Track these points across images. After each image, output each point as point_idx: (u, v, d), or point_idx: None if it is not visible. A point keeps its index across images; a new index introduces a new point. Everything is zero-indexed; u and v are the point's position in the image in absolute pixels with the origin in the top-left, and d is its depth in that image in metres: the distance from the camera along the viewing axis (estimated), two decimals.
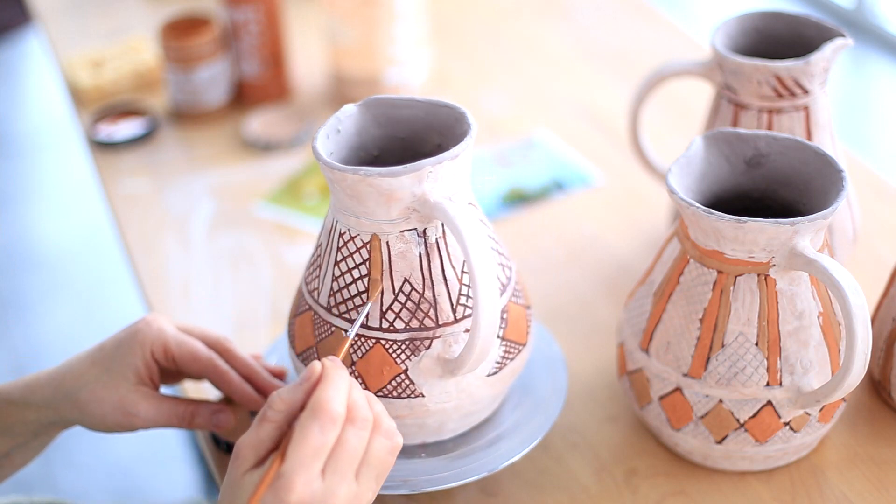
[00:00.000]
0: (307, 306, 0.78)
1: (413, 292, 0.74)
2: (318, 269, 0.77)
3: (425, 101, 0.78)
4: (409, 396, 0.75)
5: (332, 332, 0.76)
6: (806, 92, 0.89)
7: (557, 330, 0.96)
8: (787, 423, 0.78)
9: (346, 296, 0.75)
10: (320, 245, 0.77)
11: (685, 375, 0.78)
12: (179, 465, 1.87)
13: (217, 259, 1.11)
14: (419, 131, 0.79)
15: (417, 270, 0.74)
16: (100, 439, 1.88)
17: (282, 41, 1.32)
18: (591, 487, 0.83)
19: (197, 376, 0.80)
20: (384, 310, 0.74)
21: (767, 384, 0.76)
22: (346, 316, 0.75)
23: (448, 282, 0.74)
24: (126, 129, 1.31)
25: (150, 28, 1.51)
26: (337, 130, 0.77)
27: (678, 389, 0.79)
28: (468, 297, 0.75)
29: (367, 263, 0.74)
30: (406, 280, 0.74)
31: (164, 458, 1.88)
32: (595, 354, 0.95)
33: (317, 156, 0.72)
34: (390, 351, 0.74)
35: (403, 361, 0.75)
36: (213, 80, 1.30)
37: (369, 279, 0.74)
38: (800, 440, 0.80)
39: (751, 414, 0.77)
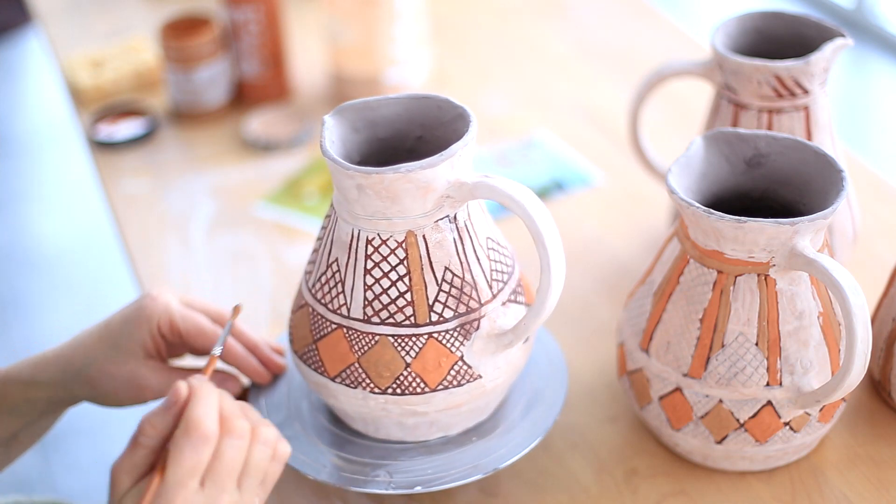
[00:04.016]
0: (334, 325, 0.76)
1: (455, 278, 0.74)
2: (339, 285, 0.75)
3: (402, 96, 0.78)
4: (468, 381, 0.76)
5: (377, 341, 0.75)
6: (806, 92, 0.89)
7: (557, 330, 0.96)
8: (787, 423, 0.78)
9: (387, 300, 0.74)
10: (336, 261, 0.76)
11: (685, 375, 0.78)
12: None
13: (217, 259, 1.12)
14: (399, 128, 0.79)
15: (454, 256, 0.74)
16: (99, 439, 1.88)
17: (282, 41, 1.32)
18: (591, 487, 0.83)
19: (202, 351, 0.81)
20: (431, 303, 0.74)
21: (767, 384, 0.76)
22: (392, 320, 0.74)
23: (480, 261, 0.75)
24: (126, 129, 1.31)
25: (150, 28, 1.51)
26: (332, 141, 0.76)
27: (678, 389, 0.79)
28: (498, 271, 0.77)
29: (406, 262, 0.74)
30: (446, 268, 0.74)
31: None
32: (595, 354, 0.95)
33: (343, 165, 0.71)
34: (443, 342, 0.75)
35: (458, 348, 0.75)
36: (213, 80, 1.30)
37: (410, 278, 0.74)
38: (800, 440, 0.80)
39: (751, 414, 0.77)
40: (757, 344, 0.76)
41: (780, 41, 0.94)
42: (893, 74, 2.87)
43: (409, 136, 0.79)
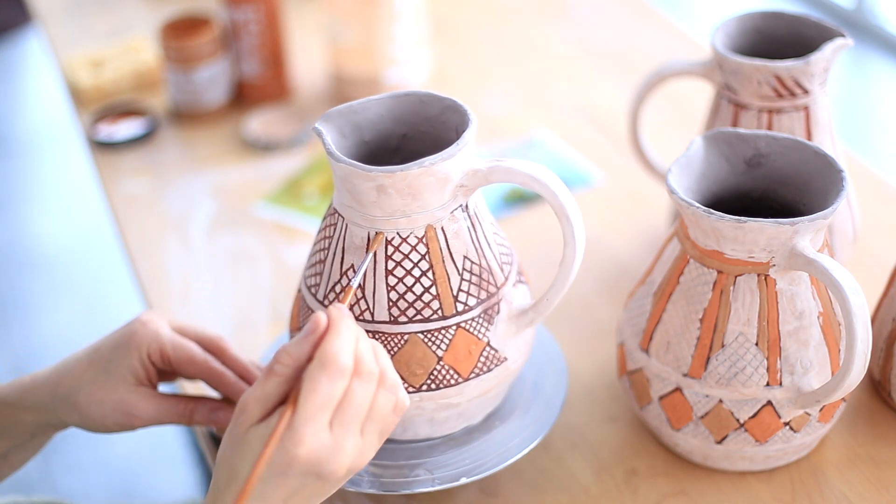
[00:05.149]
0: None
1: (473, 266, 0.75)
2: (358, 291, 0.75)
3: (384, 96, 0.78)
4: (496, 366, 0.77)
5: (407, 340, 0.75)
6: (806, 92, 0.89)
7: (558, 330, 0.96)
8: (787, 423, 0.78)
9: (412, 298, 0.74)
10: (351, 267, 0.75)
11: (685, 375, 0.78)
12: (179, 465, 1.87)
13: (217, 259, 1.12)
14: (383, 129, 0.78)
15: (470, 244, 0.75)
16: (99, 439, 1.88)
17: (282, 41, 1.32)
18: (591, 487, 0.83)
19: (192, 377, 0.80)
20: (455, 293, 0.75)
21: (767, 384, 0.76)
22: (420, 317, 0.74)
23: (491, 246, 0.76)
24: (126, 129, 1.31)
25: (150, 28, 1.51)
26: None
27: (678, 389, 0.79)
28: (504, 254, 0.78)
29: (428, 256, 0.74)
30: (465, 257, 0.75)
31: (163, 458, 1.88)
32: (595, 354, 0.95)
33: (363, 168, 0.71)
34: (471, 330, 0.75)
35: (484, 334, 0.76)
36: (213, 80, 1.30)
37: (433, 272, 0.74)
38: (800, 440, 0.80)
39: (751, 414, 0.77)
40: (757, 344, 0.76)
41: (780, 41, 0.94)
42: (893, 74, 2.87)
43: (393, 135, 0.79)
